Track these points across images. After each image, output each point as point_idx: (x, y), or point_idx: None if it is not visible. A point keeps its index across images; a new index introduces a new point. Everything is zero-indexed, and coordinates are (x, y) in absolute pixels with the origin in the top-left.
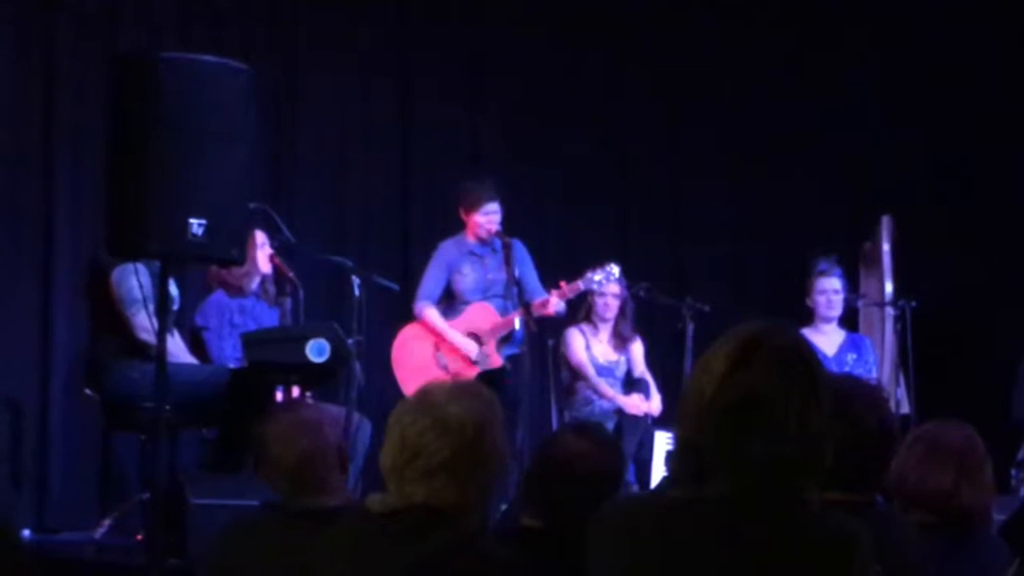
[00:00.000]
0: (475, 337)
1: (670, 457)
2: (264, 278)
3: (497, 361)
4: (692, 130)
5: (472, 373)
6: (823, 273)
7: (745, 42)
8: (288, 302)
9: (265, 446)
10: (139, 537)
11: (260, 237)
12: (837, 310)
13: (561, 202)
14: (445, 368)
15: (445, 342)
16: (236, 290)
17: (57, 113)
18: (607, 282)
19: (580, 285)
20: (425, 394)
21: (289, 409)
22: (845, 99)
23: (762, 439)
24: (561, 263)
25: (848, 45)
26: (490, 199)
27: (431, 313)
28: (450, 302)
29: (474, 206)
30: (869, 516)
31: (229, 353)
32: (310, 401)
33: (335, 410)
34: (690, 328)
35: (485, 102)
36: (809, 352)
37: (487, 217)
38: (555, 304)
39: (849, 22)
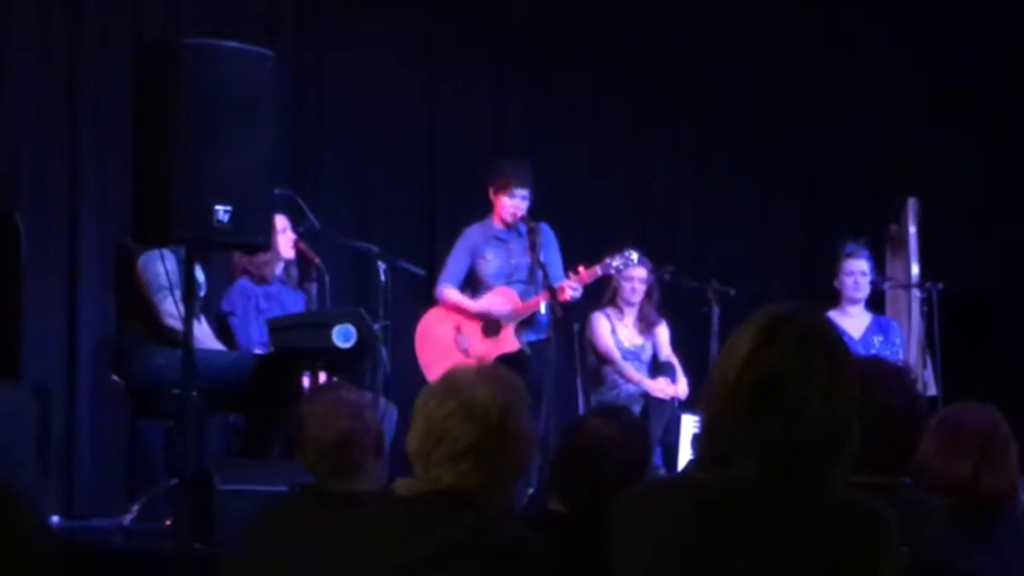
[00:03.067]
0: (492, 321)
1: (697, 440)
2: (287, 263)
3: (515, 344)
4: (718, 111)
5: (492, 356)
6: (851, 255)
7: (772, 22)
8: (314, 287)
9: (303, 425)
10: (167, 523)
11: (281, 222)
12: (864, 292)
13: (585, 184)
14: (466, 352)
15: (467, 324)
16: (259, 277)
17: (82, 100)
18: (625, 268)
19: (598, 270)
20: (450, 378)
21: (330, 390)
22: (872, 80)
23: (783, 421)
24: (584, 245)
25: (876, 26)
26: (521, 184)
27: (451, 292)
28: (474, 288)
29: (504, 188)
30: (897, 499)
31: (255, 339)
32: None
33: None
34: (716, 311)
35: (511, 84)
36: (833, 334)
37: (514, 202)
38: (571, 290)
39: (879, 3)
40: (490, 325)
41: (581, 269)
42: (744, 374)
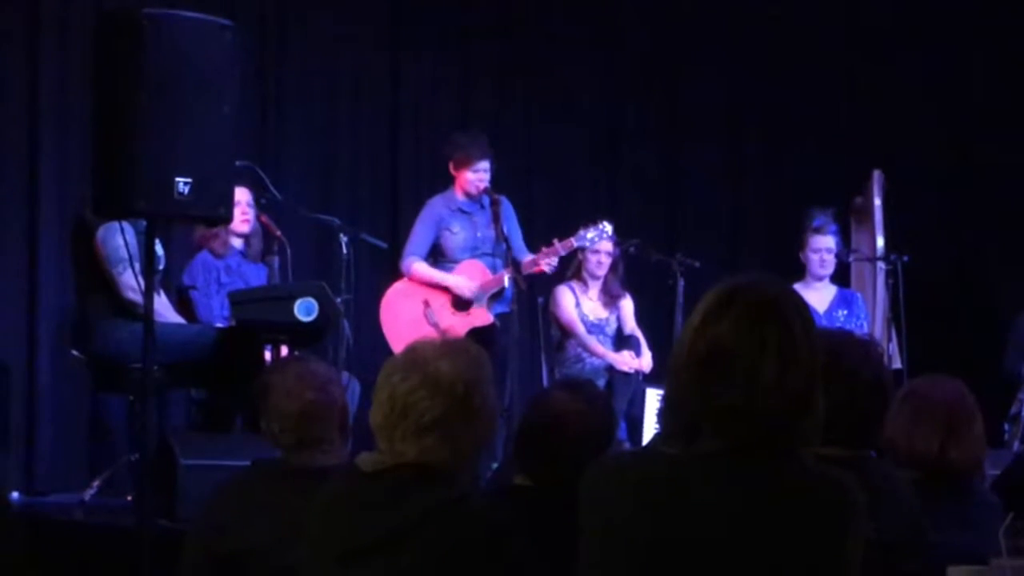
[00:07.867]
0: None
1: (661, 414)
2: (249, 236)
3: (488, 317)
4: (686, 85)
5: (463, 330)
6: (818, 230)
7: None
8: (276, 261)
9: (269, 394)
10: (129, 498)
11: (243, 194)
12: (829, 269)
13: (551, 157)
14: (436, 325)
15: (436, 297)
16: (219, 250)
17: (42, 71)
18: (600, 239)
19: (573, 242)
20: (414, 352)
21: (298, 361)
22: (838, 53)
23: (737, 392)
24: (551, 219)
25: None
26: (481, 157)
27: (420, 266)
28: (438, 260)
29: (464, 163)
30: (864, 472)
31: (216, 312)
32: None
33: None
34: (680, 284)
35: (475, 57)
36: (791, 306)
37: (477, 175)
38: (548, 261)
39: None
40: (460, 299)
41: (556, 241)
42: (695, 344)
